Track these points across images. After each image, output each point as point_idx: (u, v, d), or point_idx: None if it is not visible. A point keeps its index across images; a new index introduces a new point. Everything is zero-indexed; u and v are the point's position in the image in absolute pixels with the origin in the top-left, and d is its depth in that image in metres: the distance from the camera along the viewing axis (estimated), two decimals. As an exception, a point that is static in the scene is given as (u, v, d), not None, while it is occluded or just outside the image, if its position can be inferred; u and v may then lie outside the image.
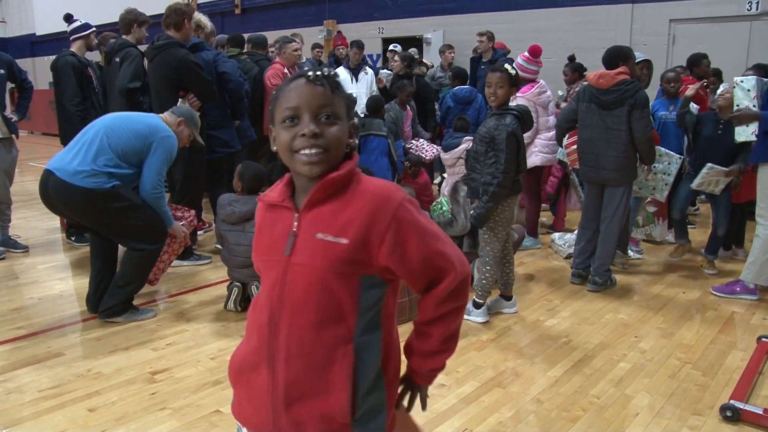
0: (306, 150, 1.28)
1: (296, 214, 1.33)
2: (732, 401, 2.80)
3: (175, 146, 3.82)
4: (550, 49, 8.87)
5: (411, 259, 1.30)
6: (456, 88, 6.99)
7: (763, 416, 2.71)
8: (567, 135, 4.81)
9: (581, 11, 9.50)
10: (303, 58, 7.71)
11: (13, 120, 5.22)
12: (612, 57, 4.33)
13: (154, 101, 4.81)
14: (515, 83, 3.76)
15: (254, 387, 1.36)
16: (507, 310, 4.08)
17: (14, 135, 5.28)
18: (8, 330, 3.78)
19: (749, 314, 4.07)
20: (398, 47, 8.98)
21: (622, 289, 4.56)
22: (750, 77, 4.17)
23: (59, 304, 4.22)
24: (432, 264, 1.33)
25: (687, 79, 5.67)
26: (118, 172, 3.62)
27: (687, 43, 8.18)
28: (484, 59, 7.95)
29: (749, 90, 4.10)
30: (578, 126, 4.51)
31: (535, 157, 5.28)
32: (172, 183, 4.93)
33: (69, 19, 5.66)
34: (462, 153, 5.60)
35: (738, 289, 4.32)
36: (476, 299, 3.92)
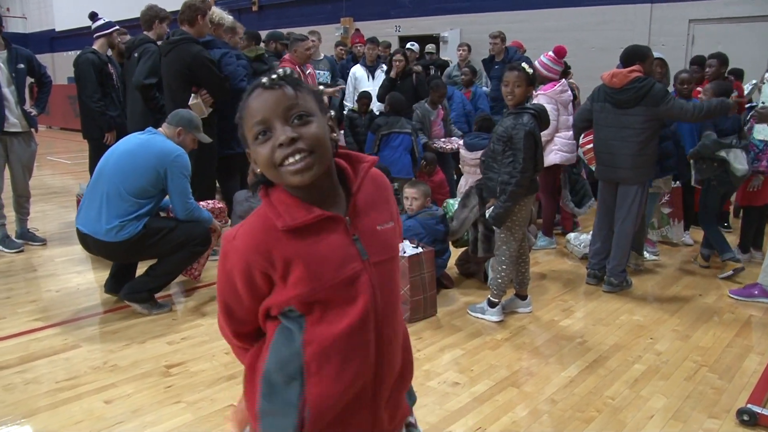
0: (289, 159, 1.17)
1: (347, 219, 1.26)
2: (749, 405, 2.77)
3: (187, 160, 3.86)
4: (568, 49, 8.83)
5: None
6: None
7: (781, 420, 2.69)
8: (582, 134, 4.79)
9: (599, 11, 9.44)
10: (321, 55, 7.72)
11: (33, 114, 5.28)
12: (629, 56, 4.31)
13: (167, 96, 4.83)
14: (532, 82, 3.75)
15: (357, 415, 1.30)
16: (522, 310, 4.07)
17: (33, 129, 5.34)
18: (26, 321, 3.82)
19: (767, 318, 4.03)
20: (415, 45, 8.98)
21: (638, 291, 4.53)
22: None
23: (76, 297, 4.26)
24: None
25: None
26: (144, 210, 3.75)
27: (706, 44, 8.09)
28: (497, 60, 7.94)
29: None
30: (593, 126, 4.49)
31: (555, 156, 5.26)
32: None
33: (93, 18, 5.74)
34: None
35: (756, 293, 4.28)
36: (491, 298, 3.91)
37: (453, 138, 6.64)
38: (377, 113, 6.92)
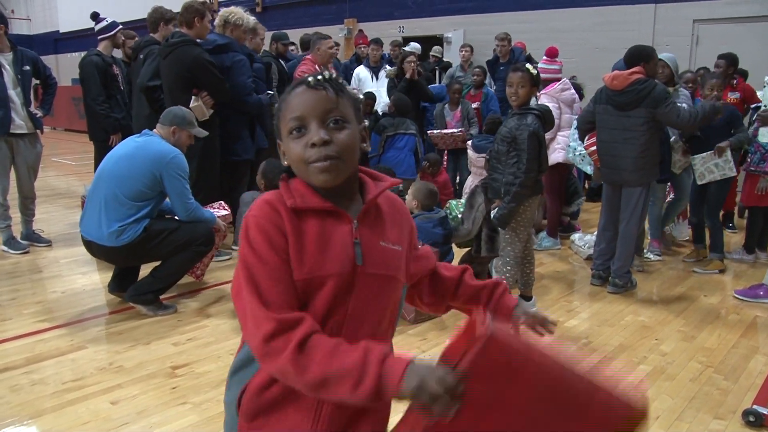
0: (319, 163, 1.20)
1: (355, 222, 1.26)
2: (755, 406, 2.77)
3: (183, 161, 3.85)
4: (571, 49, 8.86)
5: (421, 268, 1.44)
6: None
7: (787, 421, 2.68)
8: (587, 136, 4.77)
9: (603, 11, 9.43)
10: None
11: (38, 115, 5.30)
12: (633, 56, 4.29)
13: (167, 98, 4.80)
14: (536, 83, 3.74)
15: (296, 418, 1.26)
16: (526, 311, 4.06)
17: (39, 130, 5.35)
18: (32, 323, 3.83)
19: (772, 318, 4.03)
20: (412, 45, 8.94)
21: (643, 292, 4.53)
22: None
23: (81, 298, 4.27)
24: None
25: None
26: (143, 213, 3.76)
27: (710, 44, 8.09)
28: (502, 61, 7.94)
29: None
30: (596, 128, 4.48)
31: (557, 154, 5.26)
32: None
33: (95, 18, 5.73)
34: None
35: (761, 293, 4.27)
36: (496, 299, 3.90)
37: (454, 130, 6.70)
38: (380, 113, 6.92)
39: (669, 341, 3.67)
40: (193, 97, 4.68)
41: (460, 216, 4.64)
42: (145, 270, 4.07)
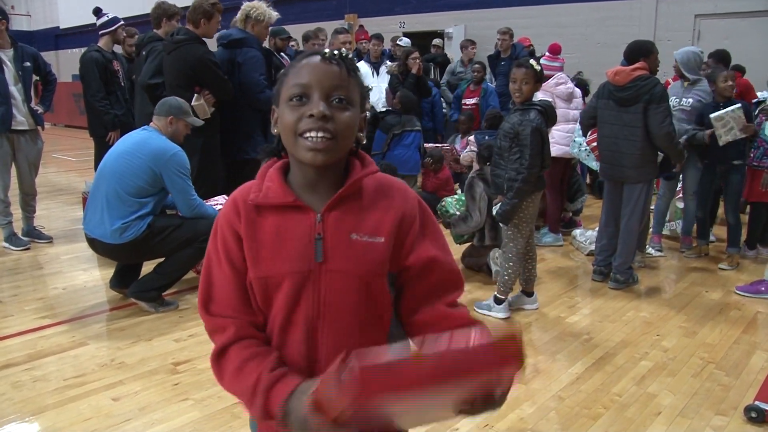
0: (312, 133, 1.13)
1: (318, 215, 1.18)
2: (757, 402, 2.76)
3: (183, 157, 3.83)
4: (573, 45, 8.84)
5: (420, 258, 1.22)
6: None
7: (789, 417, 2.68)
8: (589, 131, 4.76)
9: (604, 6, 9.43)
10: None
11: (39, 112, 5.29)
12: (633, 52, 4.28)
13: (169, 95, 4.74)
14: (540, 79, 3.73)
15: None
16: (528, 306, 4.07)
17: (40, 127, 5.35)
18: (34, 319, 3.83)
19: (774, 314, 4.03)
20: (404, 40, 8.86)
21: (644, 287, 4.52)
22: None
23: (83, 295, 4.27)
24: (442, 275, 1.25)
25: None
26: (146, 210, 3.76)
27: (712, 39, 8.07)
28: (503, 56, 7.91)
29: None
30: (598, 123, 4.47)
31: (552, 149, 5.17)
32: None
33: (98, 14, 5.72)
34: None
35: (763, 289, 4.26)
36: (498, 295, 3.91)
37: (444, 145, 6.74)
38: (378, 110, 6.92)
39: (670, 337, 3.67)
40: (195, 95, 4.66)
41: (458, 213, 4.65)
42: (147, 266, 4.07)
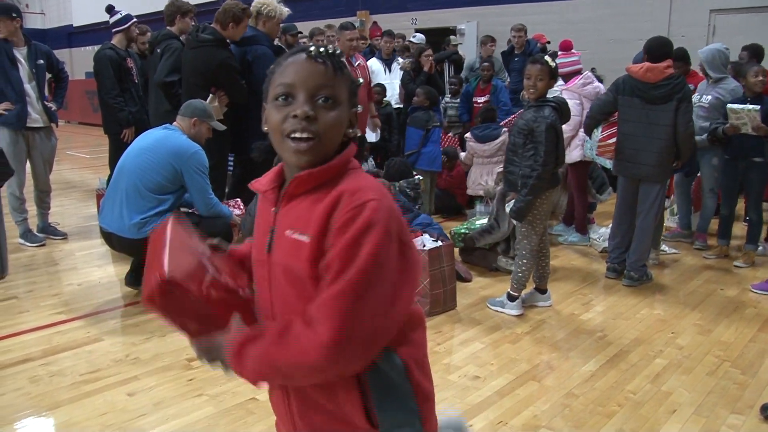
0: (296, 134, 1.13)
1: (274, 209, 1.22)
2: (773, 400, 2.75)
3: (203, 156, 3.86)
4: (585, 41, 8.79)
5: (330, 257, 1.09)
6: None
7: (806, 416, 2.66)
8: (601, 127, 4.67)
9: (617, 1, 9.40)
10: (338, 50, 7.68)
11: (53, 109, 5.33)
12: (659, 49, 4.19)
13: (185, 92, 4.77)
14: (554, 76, 3.71)
15: (273, 399, 1.37)
16: (542, 304, 4.05)
17: (54, 123, 5.39)
18: (49, 315, 3.86)
19: (790, 312, 3.99)
20: (417, 36, 8.85)
21: (658, 285, 4.49)
22: None
23: (97, 291, 4.30)
24: (322, 296, 1.08)
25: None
26: (165, 207, 3.79)
27: (727, 34, 7.99)
28: (517, 52, 7.87)
29: None
30: (618, 120, 4.42)
31: (579, 152, 5.14)
32: None
33: (111, 11, 5.75)
34: (503, 143, 5.55)
35: (779, 287, 4.23)
36: (511, 292, 3.90)
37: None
38: (395, 105, 6.90)
39: (685, 335, 3.64)
40: (210, 96, 4.66)
41: (494, 217, 4.63)
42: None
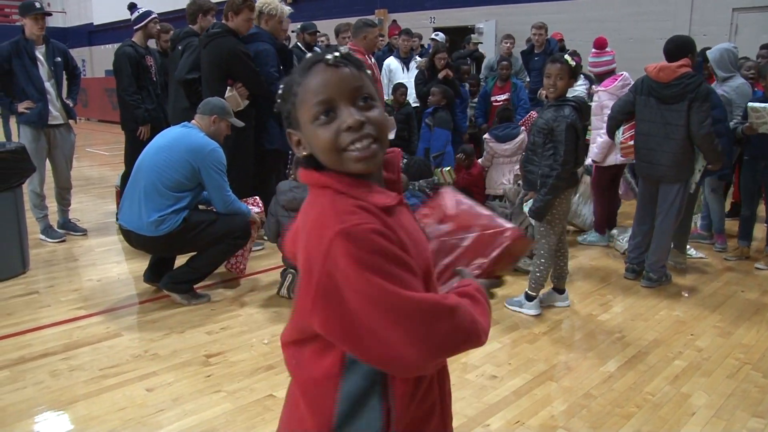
0: (356, 144, 1.06)
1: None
2: (795, 404, 2.71)
3: (221, 154, 3.88)
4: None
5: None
6: None
7: (829, 420, 2.62)
8: (623, 128, 4.61)
9: (638, 0, 9.27)
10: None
11: (72, 106, 5.39)
12: (678, 48, 4.13)
13: (204, 88, 4.82)
14: (574, 75, 3.69)
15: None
16: (559, 304, 4.03)
17: (73, 120, 5.45)
18: (69, 310, 3.91)
19: (813, 315, 3.93)
20: (440, 35, 8.84)
21: (677, 286, 4.45)
22: None
23: (116, 287, 4.34)
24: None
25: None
26: (183, 204, 3.80)
27: (750, 33, 7.90)
28: (537, 51, 7.82)
29: None
30: (635, 120, 4.38)
31: (615, 156, 4.99)
32: None
33: (132, 9, 5.79)
34: (522, 142, 5.54)
35: (801, 289, 4.17)
36: (529, 292, 3.88)
37: None
38: (413, 104, 6.89)
39: (705, 337, 3.61)
40: (228, 88, 4.70)
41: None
42: (180, 260, 4.12)
